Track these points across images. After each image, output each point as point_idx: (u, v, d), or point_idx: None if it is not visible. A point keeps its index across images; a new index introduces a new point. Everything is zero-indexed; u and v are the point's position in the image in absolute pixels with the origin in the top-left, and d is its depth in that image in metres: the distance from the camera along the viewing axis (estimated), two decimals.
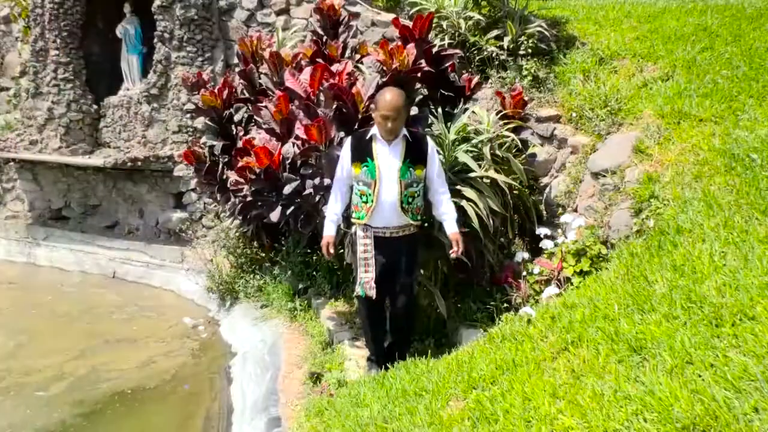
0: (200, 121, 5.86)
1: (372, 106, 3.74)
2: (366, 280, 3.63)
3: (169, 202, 7.99)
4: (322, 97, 4.27)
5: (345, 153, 3.73)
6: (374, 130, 3.66)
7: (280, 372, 4.40)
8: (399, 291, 3.76)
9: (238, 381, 4.73)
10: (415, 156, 3.65)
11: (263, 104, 4.80)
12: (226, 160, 5.39)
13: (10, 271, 8.23)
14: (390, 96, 3.54)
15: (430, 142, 3.76)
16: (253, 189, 4.49)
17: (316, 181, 4.22)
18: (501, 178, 4.15)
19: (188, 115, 7.49)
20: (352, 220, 3.78)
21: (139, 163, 7.52)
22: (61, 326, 6.18)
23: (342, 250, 4.39)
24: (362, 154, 3.64)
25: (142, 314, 6.50)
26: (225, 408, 4.43)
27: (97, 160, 7.93)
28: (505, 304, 4.04)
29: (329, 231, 3.79)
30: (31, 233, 8.79)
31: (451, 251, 3.66)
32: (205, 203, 7.54)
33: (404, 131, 3.65)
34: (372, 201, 3.62)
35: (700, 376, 2.13)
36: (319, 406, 3.63)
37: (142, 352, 5.47)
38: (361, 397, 3.44)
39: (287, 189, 4.30)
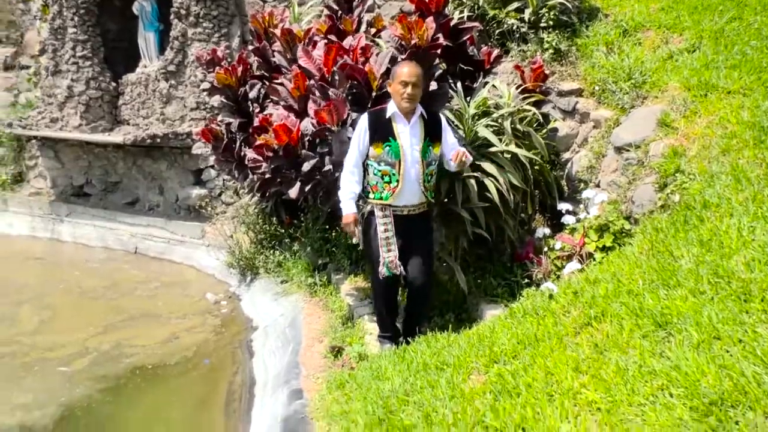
0: (216, 99, 5.86)
1: (388, 80, 3.69)
2: (390, 259, 3.62)
3: (189, 179, 8.04)
4: (336, 76, 4.24)
5: (361, 132, 3.66)
6: (392, 109, 3.61)
7: (301, 346, 4.44)
8: (418, 268, 3.74)
9: (259, 354, 4.79)
10: (433, 134, 3.65)
11: (279, 81, 4.77)
12: (244, 137, 5.39)
13: (35, 247, 8.38)
14: (408, 65, 3.55)
15: (443, 118, 3.77)
16: (272, 166, 4.48)
17: (335, 157, 4.20)
18: (522, 153, 4.11)
19: (205, 92, 7.49)
20: (369, 201, 3.74)
21: (158, 140, 7.56)
22: (85, 302, 6.29)
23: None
24: (383, 133, 3.60)
25: (165, 290, 6.58)
26: (247, 381, 4.49)
27: (116, 137, 7.99)
28: (526, 280, 4.03)
29: (351, 209, 3.70)
30: (54, 210, 8.92)
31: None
32: (224, 180, 7.58)
33: (420, 109, 3.62)
34: (397, 181, 3.59)
35: (728, 351, 2.10)
36: (340, 378, 3.66)
37: (165, 328, 5.54)
38: (382, 371, 3.45)
39: (306, 166, 4.29)
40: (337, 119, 4.06)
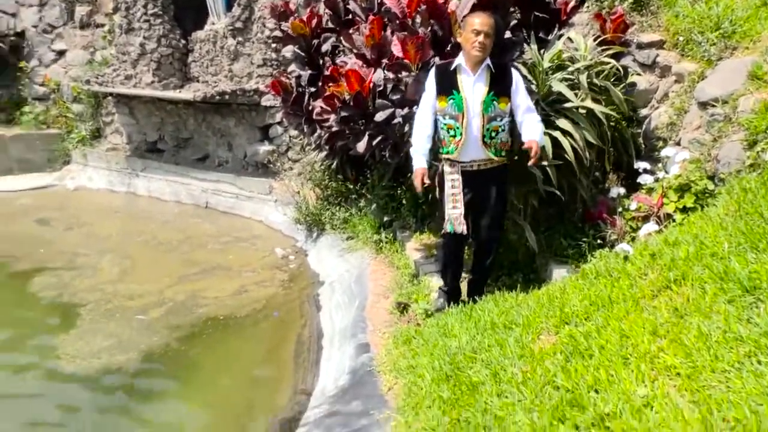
0: (288, 50, 5.87)
1: (459, 29, 3.58)
2: (455, 216, 3.57)
3: (256, 135, 8.16)
4: (418, 19, 4.12)
5: (429, 86, 3.63)
6: (459, 60, 3.53)
7: (366, 301, 4.50)
8: (487, 225, 3.70)
9: (326, 309, 4.89)
10: (499, 88, 3.51)
11: (356, 28, 4.71)
12: (313, 90, 5.39)
13: (114, 201, 8.78)
14: (480, 14, 3.44)
15: (515, 73, 3.59)
16: (341, 116, 4.45)
17: (405, 111, 4.14)
18: (599, 108, 3.93)
19: (272, 49, 7.52)
20: (440, 155, 3.71)
21: (226, 97, 7.67)
22: (161, 253, 6.57)
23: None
24: (447, 86, 3.53)
25: (235, 244, 6.78)
26: (315, 333, 4.60)
27: (186, 94, 8.15)
28: (598, 241, 3.91)
29: (420, 163, 3.62)
30: (130, 164, 9.28)
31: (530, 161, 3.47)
32: (290, 136, 7.65)
33: (488, 61, 3.49)
34: (461, 135, 3.53)
35: None
36: (406, 334, 3.70)
37: (236, 281, 5.72)
38: (448, 328, 3.47)
39: (379, 116, 4.21)
40: (420, 58, 3.97)
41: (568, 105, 3.90)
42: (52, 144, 9.98)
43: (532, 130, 3.52)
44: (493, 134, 3.53)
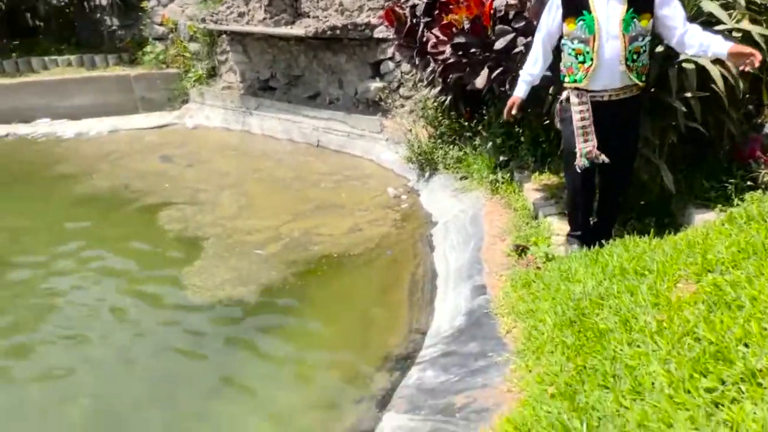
0: None
1: None
2: (588, 150, 3.33)
3: (367, 72, 8.04)
4: None
5: (552, 7, 3.36)
6: None
7: (482, 242, 4.36)
8: (617, 162, 3.42)
9: (440, 249, 4.81)
10: (639, 4, 3.15)
11: None
12: (428, 21, 5.16)
13: (230, 139, 9.09)
14: None
15: None
16: (456, 42, 4.21)
17: (528, 39, 3.85)
18: (757, 30, 3.43)
19: None
20: (565, 85, 3.43)
21: (337, 32, 7.56)
22: (276, 190, 6.73)
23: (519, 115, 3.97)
24: (576, 7, 3.23)
25: (347, 183, 6.81)
26: (429, 273, 4.55)
27: (297, 30, 8.13)
28: (749, 183, 3.51)
29: (519, 92, 3.65)
30: (244, 103, 9.51)
31: (743, 66, 3.04)
32: (402, 72, 7.47)
33: None
34: (592, 60, 3.23)
35: None
36: (525, 277, 3.56)
37: (349, 219, 5.74)
38: (572, 272, 3.30)
39: (499, 43, 3.97)
40: None
41: (720, 27, 3.43)
42: (171, 83, 10.38)
43: (713, 38, 3.12)
44: (635, 56, 3.22)
